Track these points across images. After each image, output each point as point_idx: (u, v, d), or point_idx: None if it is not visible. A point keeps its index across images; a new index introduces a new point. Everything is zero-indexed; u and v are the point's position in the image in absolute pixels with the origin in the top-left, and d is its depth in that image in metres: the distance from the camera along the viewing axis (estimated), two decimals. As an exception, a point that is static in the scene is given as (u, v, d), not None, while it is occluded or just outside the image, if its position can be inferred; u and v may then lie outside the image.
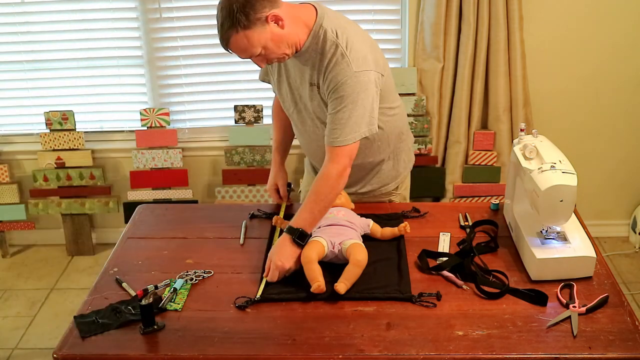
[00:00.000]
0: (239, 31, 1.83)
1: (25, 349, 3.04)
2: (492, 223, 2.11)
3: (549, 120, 3.44)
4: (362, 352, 1.62)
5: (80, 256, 3.73)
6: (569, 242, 1.88)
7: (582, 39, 3.32)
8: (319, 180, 1.98)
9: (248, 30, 1.83)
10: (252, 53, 1.89)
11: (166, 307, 1.78)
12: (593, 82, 3.41)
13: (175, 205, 2.52)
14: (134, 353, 1.65)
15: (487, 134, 3.40)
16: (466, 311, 1.75)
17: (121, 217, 3.71)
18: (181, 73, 3.51)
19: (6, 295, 3.41)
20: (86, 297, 1.85)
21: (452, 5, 3.17)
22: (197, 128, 3.63)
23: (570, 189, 1.78)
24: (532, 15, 3.25)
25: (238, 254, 2.04)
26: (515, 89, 3.30)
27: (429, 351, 1.62)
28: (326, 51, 1.95)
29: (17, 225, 3.68)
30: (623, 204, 3.70)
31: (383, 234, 2.06)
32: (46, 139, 3.52)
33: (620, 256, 3.57)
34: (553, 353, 1.60)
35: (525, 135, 2.05)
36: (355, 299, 1.79)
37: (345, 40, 1.95)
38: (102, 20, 3.42)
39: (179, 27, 3.41)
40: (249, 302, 1.79)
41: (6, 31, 3.47)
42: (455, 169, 3.48)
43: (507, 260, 1.96)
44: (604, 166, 3.59)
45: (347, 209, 2.10)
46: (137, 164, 3.54)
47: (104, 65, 3.52)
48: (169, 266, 1.98)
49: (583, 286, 1.82)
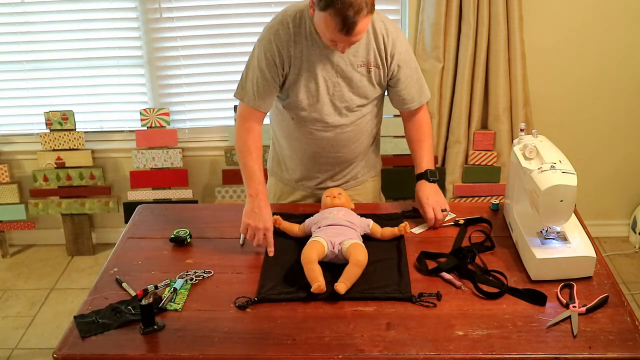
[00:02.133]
0: (367, 14, 1.88)
1: (25, 349, 3.04)
2: (486, 221, 2.12)
3: (549, 120, 3.44)
4: (362, 352, 1.62)
5: (80, 256, 3.73)
6: (569, 242, 1.88)
7: (582, 39, 3.32)
8: (425, 127, 2.30)
9: (371, 14, 1.91)
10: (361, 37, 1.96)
11: (166, 307, 1.78)
12: (593, 82, 3.41)
13: (175, 205, 2.52)
14: (134, 353, 1.65)
15: (487, 134, 3.40)
16: (466, 311, 1.75)
17: (121, 217, 3.71)
18: (181, 73, 3.51)
19: (6, 295, 3.41)
20: (86, 297, 1.85)
21: (452, 5, 3.17)
22: (197, 128, 3.63)
23: (570, 189, 1.78)
24: (532, 16, 3.25)
25: (238, 254, 2.04)
26: (515, 89, 3.30)
27: (429, 351, 1.62)
28: (378, 30, 2.10)
29: (17, 225, 3.68)
30: (623, 204, 3.70)
31: (383, 234, 2.06)
32: (46, 139, 3.52)
33: (620, 256, 3.57)
34: (553, 353, 1.60)
35: (525, 135, 2.05)
36: (355, 299, 1.79)
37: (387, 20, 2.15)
38: (102, 20, 3.42)
39: (179, 27, 3.41)
40: (249, 302, 1.79)
41: (6, 31, 3.47)
42: (455, 169, 3.48)
43: (507, 260, 1.96)
44: (604, 166, 3.59)
45: (347, 209, 2.10)
46: (137, 164, 3.54)
47: (104, 65, 3.52)
48: (169, 266, 1.98)
49: (583, 286, 1.82)
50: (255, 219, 2.02)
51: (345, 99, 2.15)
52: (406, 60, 2.16)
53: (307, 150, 2.27)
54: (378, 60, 2.12)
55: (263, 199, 2.07)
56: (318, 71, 2.10)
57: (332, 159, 2.29)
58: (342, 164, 2.32)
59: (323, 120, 2.18)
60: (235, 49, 3.41)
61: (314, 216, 2.07)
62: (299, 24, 2.06)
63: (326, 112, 2.17)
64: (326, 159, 2.29)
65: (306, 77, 2.11)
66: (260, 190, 2.09)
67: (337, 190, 2.17)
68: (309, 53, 2.08)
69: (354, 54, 2.09)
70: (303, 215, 2.15)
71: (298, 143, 2.27)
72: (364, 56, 2.10)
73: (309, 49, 2.07)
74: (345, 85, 2.13)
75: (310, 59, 2.09)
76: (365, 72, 2.12)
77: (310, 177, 2.35)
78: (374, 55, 2.11)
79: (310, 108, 2.16)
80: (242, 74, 2.16)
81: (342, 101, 2.16)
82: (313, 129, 2.21)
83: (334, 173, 2.34)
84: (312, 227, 2.03)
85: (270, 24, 2.10)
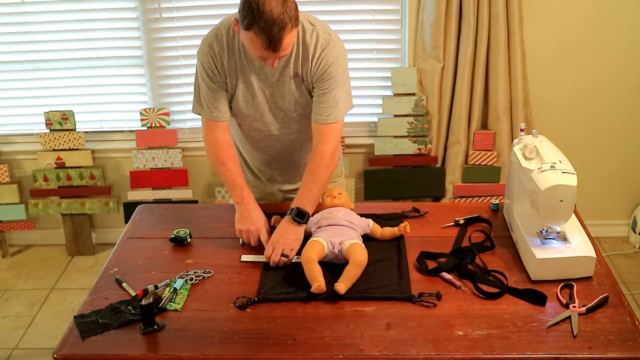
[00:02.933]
0: (292, 28, 1.86)
1: (25, 349, 3.04)
2: (486, 221, 2.12)
3: (549, 120, 3.44)
4: (362, 352, 1.62)
5: (80, 256, 3.73)
6: (569, 242, 1.88)
7: (582, 39, 3.32)
8: (315, 161, 2.08)
9: (295, 27, 1.88)
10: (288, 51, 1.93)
11: (166, 307, 1.78)
12: (593, 82, 3.41)
13: (175, 205, 2.52)
14: (134, 353, 1.65)
15: (487, 134, 3.40)
16: (466, 311, 1.75)
17: (121, 217, 3.71)
18: (181, 73, 3.51)
19: (6, 295, 3.41)
20: (86, 297, 1.85)
21: (452, 5, 3.17)
22: (197, 128, 3.63)
23: (570, 189, 1.78)
24: (532, 16, 3.25)
25: (238, 254, 2.04)
26: (515, 89, 3.30)
27: (429, 351, 1.62)
28: (307, 40, 2.03)
29: (17, 225, 3.68)
30: (623, 204, 3.70)
31: (383, 234, 2.06)
32: (46, 139, 3.52)
33: (620, 256, 3.57)
34: (553, 353, 1.60)
35: (525, 135, 2.05)
36: (355, 299, 1.79)
37: (320, 26, 2.06)
38: (102, 20, 3.42)
39: (179, 27, 3.41)
40: (249, 302, 1.79)
41: (6, 31, 3.47)
42: (455, 169, 3.48)
43: (507, 260, 1.96)
44: (604, 166, 3.59)
45: (347, 209, 2.10)
46: (137, 164, 3.54)
47: (104, 65, 3.52)
48: (169, 266, 1.98)
49: (583, 286, 1.82)
50: (246, 222, 2.07)
51: (283, 108, 2.14)
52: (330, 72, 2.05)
53: (257, 156, 2.31)
54: (308, 69, 2.07)
55: (249, 202, 2.11)
56: (254, 81, 2.10)
57: (282, 164, 2.32)
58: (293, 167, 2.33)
59: (266, 129, 2.19)
60: (235, 49, 3.41)
61: (314, 216, 2.07)
62: (232, 35, 2.06)
63: (267, 121, 2.17)
64: (276, 164, 2.32)
65: (243, 87, 2.11)
66: (244, 196, 2.13)
67: (337, 190, 2.17)
68: (242, 65, 2.07)
69: (286, 64, 2.06)
70: (303, 215, 2.15)
71: (249, 149, 2.30)
72: (296, 67, 2.07)
73: (242, 62, 2.06)
74: (280, 96, 2.12)
75: (244, 71, 2.08)
76: (300, 82, 2.10)
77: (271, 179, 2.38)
78: (304, 66, 2.07)
79: (252, 117, 2.17)
80: (194, 89, 2.17)
81: (280, 110, 2.15)
82: (258, 137, 2.24)
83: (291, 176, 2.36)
84: (312, 227, 2.04)
85: (206, 37, 2.11)
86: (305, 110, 2.15)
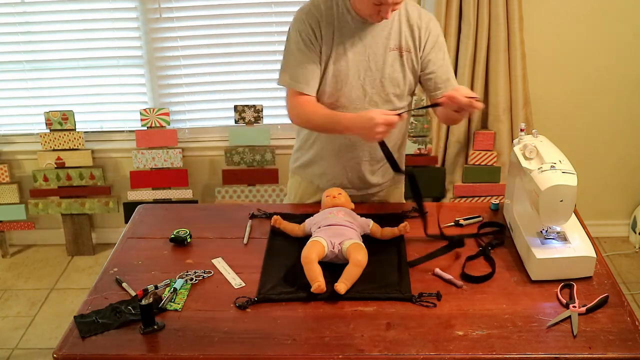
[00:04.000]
0: None
1: (25, 349, 3.04)
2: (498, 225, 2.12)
3: (549, 120, 3.45)
4: (362, 352, 1.62)
5: (80, 256, 3.73)
6: (569, 242, 1.88)
7: (581, 39, 3.32)
8: None
9: None
10: None
11: (166, 307, 1.78)
12: (593, 82, 3.41)
13: (175, 205, 2.52)
14: (134, 353, 1.65)
15: (487, 134, 3.40)
16: (466, 311, 1.75)
17: (121, 217, 3.71)
18: (181, 73, 3.51)
19: (6, 295, 3.41)
20: (86, 297, 1.85)
21: (452, 5, 3.17)
22: (197, 128, 3.63)
23: (570, 189, 1.78)
24: (532, 16, 3.25)
25: (238, 253, 2.04)
26: (515, 89, 3.30)
27: (429, 351, 1.62)
28: (408, 12, 2.09)
29: (17, 225, 3.68)
30: (623, 204, 3.70)
31: (383, 234, 2.06)
32: (46, 139, 3.52)
33: (620, 256, 3.57)
34: (553, 353, 1.60)
35: (525, 135, 2.05)
36: (355, 299, 1.79)
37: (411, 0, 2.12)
38: (102, 21, 3.42)
39: (179, 27, 3.41)
40: (249, 302, 1.79)
41: (6, 31, 3.47)
42: (455, 169, 3.48)
43: (507, 260, 1.96)
44: (604, 166, 3.59)
45: (347, 209, 2.10)
46: (137, 164, 3.54)
47: (104, 65, 3.52)
48: (169, 266, 1.98)
49: (583, 286, 1.82)
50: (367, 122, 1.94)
51: (376, 84, 2.12)
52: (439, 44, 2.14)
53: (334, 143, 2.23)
54: (410, 44, 2.10)
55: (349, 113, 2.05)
56: (349, 54, 2.08)
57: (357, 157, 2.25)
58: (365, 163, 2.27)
59: (351, 106, 2.14)
60: (235, 49, 3.41)
61: (314, 216, 2.07)
62: (330, 5, 2.07)
63: (354, 97, 2.13)
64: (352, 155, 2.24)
65: (335, 59, 2.09)
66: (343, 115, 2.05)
67: (337, 190, 2.17)
68: (340, 34, 2.07)
69: (387, 37, 2.08)
70: (303, 215, 2.15)
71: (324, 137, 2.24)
72: (396, 40, 2.09)
73: (340, 31, 2.06)
74: (376, 70, 2.11)
75: (341, 41, 2.07)
76: (398, 56, 2.11)
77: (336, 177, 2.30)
78: (406, 39, 2.10)
79: (338, 93, 2.12)
80: (282, 63, 2.15)
81: (372, 87, 2.13)
82: None
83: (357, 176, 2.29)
84: (312, 227, 2.03)
85: (302, 7, 2.11)
86: (398, 92, 2.14)
